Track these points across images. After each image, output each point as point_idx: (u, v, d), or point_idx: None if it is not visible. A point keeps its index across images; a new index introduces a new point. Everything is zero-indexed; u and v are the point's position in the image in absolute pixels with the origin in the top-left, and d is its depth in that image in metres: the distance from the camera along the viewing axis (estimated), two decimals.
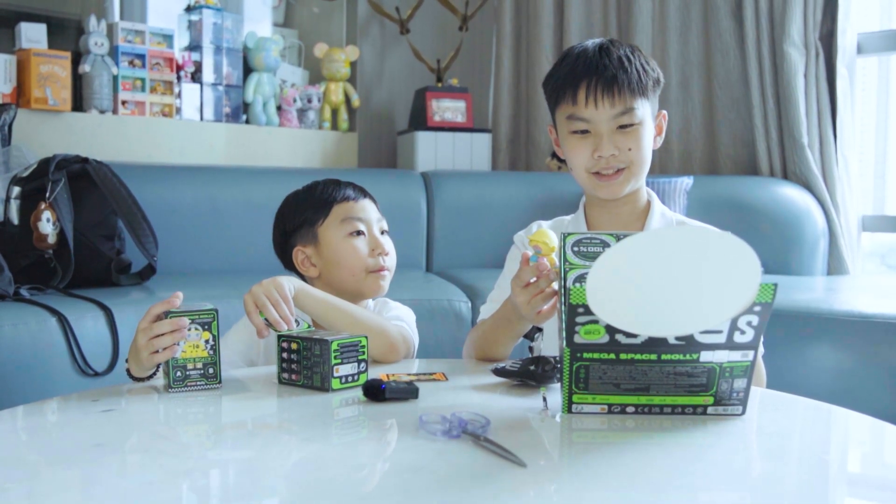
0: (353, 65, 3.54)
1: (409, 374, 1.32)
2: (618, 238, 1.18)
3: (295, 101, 3.38)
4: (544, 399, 1.16)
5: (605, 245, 1.18)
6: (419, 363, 1.49)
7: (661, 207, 1.58)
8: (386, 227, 1.67)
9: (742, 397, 1.11)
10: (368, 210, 1.65)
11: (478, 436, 0.97)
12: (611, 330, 1.04)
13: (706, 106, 3.44)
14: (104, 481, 0.88)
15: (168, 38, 3.12)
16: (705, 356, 1.07)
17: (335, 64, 3.48)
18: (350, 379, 1.23)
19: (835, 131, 3.15)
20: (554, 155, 3.38)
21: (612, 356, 1.06)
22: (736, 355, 1.08)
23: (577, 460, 0.98)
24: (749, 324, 1.06)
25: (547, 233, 1.28)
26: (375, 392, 1.16)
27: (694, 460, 0.97)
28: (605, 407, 1.11)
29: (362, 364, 1.25)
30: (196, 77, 3.19)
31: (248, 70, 3.34)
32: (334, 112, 3.52)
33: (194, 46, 3.21)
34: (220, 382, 1.26)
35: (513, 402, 1.19)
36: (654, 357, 1.07)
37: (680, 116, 3.46)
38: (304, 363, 1.25)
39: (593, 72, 1.47)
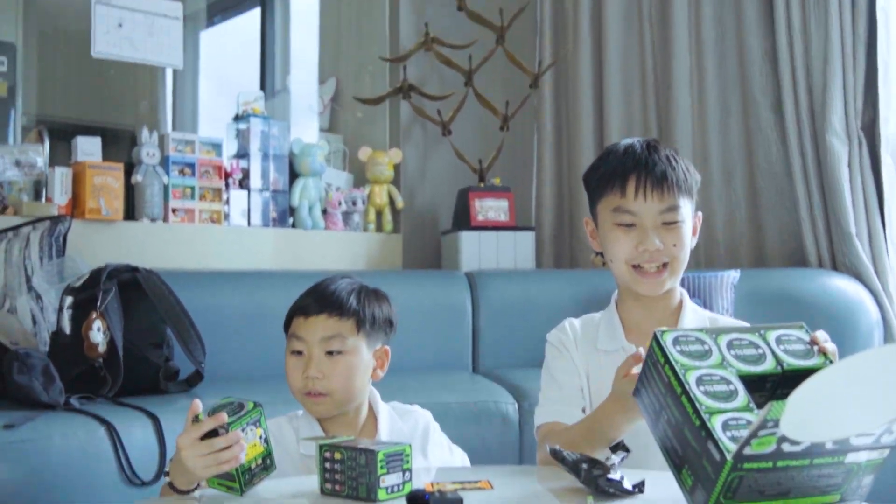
0: (396, 167, 3.60)
1: (453, 483, 1.30)
2: (710, 334, 1.18)
3: (340, 204, 3.44)
4: None
5: (702, 342, 1.17)
6: (465, 471, 1.47)
7: (693, 305, 1.59)
8: (340, 348, 1.56)
9: (864, 492, 1.11)
10: (314, 329, 1.56)
11: None
12: (780, 440, 1.01)
13: (750, 198, 3.43)
14: None
15: (217, 147, 3.21)
16: (850, 457, 1.06)
17: (379, 167, 3.54)
18: (396, 489, 1.22)
19: (883, 220, 3.11)
20: (599, 252, 3.37)
21: (771, 465, 1.03)
22: (875, 454, 1.07)
23: None
24: None
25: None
26: (420, 503, 1.14)
27: None
28: None
29: (406, 473, 1.24)
30: (244, 184, 3.26)
31: (293, 175, 3.41)
32: (379, 214, 3.56)
33: (242, 154, 3.30)
34: (275, 467, 1.32)
35: None
36: (807, 462, 1.05)
37: (724, 209, 3.45)
38: (348, 473, 1.24)
39: (643, 166, 1.50)
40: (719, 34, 3.47)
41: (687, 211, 1.52)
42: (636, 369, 1.25)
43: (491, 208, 3.42)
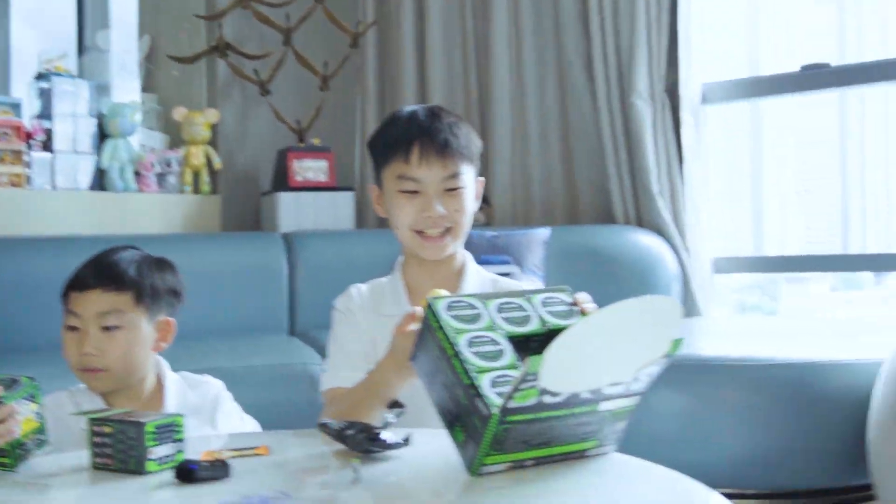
0: (214, 128, 3.52)
1: (230, 451, 1.30)
2: (480, 299, 1.24)
3: (154, 165, 3.34)
4: (353, 469, 1.15)
5: (472, 307, 1.22)
6: (248, 437, 1.47)
7: (475, 268, 1.65)
8: (117, 323, 1.53)
9: (619, 437, 1.21)
10: (89, 304, 1.53)
11: None
12: (541, 392, 1.07)
13: (565, 158, 3.54)
14: None
15: (16, 107, 3.05)
16: (604, 405, 1.14)
17: (195, 127, 3.45)
18: (166, 460, 1.21)
19: (682, 179, 3.28)
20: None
21: (533, 416, 1.09)
22: (626, 401, 1.16)
23: None
24: (648, 373, 1.15)
25: (440, 293, 1.29)
26: (187, 474, 1.14)
27: None
28: (511, 464, 1.14)
29: (178, 444, 1.23)
30: (48, 146, 3.11)
31: (104, 137, 3.28)
32: (196, 176, 3.48)
33: (45, 115, 3.14)
34: (50, 443, 1.29)
35: (328, 477, 1.19)
36: (566, 412, 1.11)
37: (541, 168, 3.55)
38: (118, 447, 1.22)
39: (426, 134, 1.53)
40: None
41: (469, 177, 1.56)
42: (413, 327, 1.29)
43: (310, 169, 3.39)
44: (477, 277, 1.62)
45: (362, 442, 1.21)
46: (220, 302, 2.91)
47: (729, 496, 1.12)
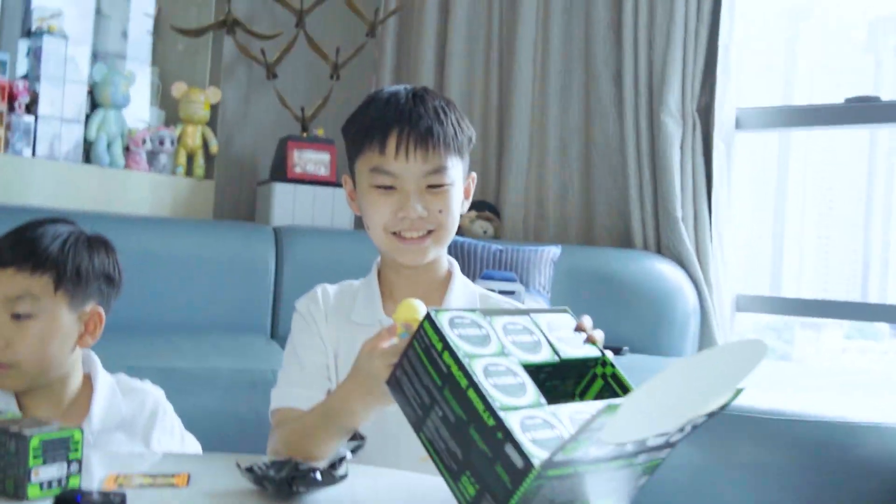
0: (214, 108, 3.30)
1: (145, 476, 1.07)
2: (483, 316, 1.02)
3: (145, 142, 3.11)
4: None
5: (478, 325, 0.99)
6: (180, 460, 1.24)
7: (462, 278, 1.40)
8: (29, 311, 1.29)
9: (634, 494, 0.99)
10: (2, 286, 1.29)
11: None
12: (591, 443, 0.85)
13: (584, 174, 3.31)
14: None
15: (1, 65, 2.83)
16: (641, 457, 0.93)
17: (193, 105, 3.23)
18: (54, 484, 0.98)
19: (710, 207, 3.04)
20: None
21: (571, 470, 0.87)
22: (661, 453, 0.95)
23: None
24: (694, 424, 0.93)
25: (417, 308, 1.05)
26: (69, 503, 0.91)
27: None
28: None
29: (73, 465, 1.00)
30: (31, 109, 2.90)
31: (94, 106, 3.06)
32: (190, 157, 3.26)
33: (33, 76, 2.93)
34: None
35: None
36: (605, 465, 0.90)
37: (557, 183, 3.33)
38: None
39: (406, 120, 1.28)
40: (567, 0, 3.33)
41: (457, 172, 1.32)
42: (388, 344, 1.06)
43: (310, 161, 3.17)
44: (464, 290, 1.38)
45: (282, 485, 0.97)
46: (198, 295, 2.69)
47: None
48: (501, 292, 2.83)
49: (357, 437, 1.13)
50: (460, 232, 3.36)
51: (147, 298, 2.55)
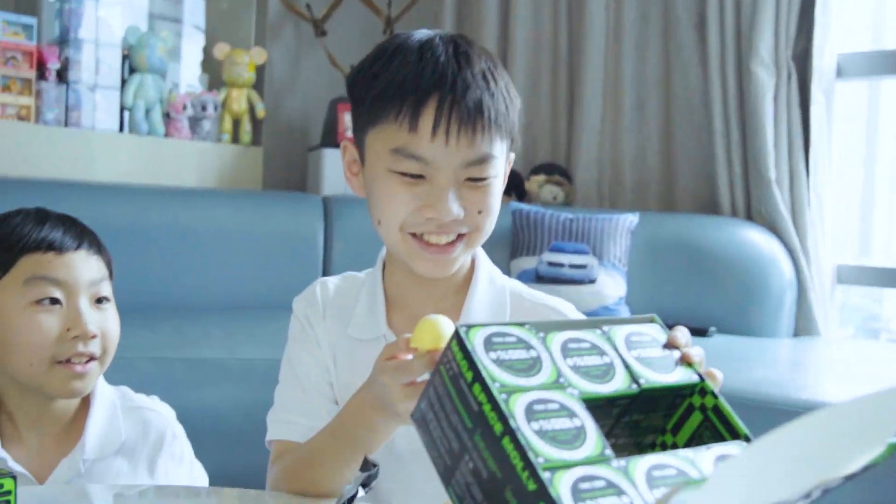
0: (259, 70, 3.08)
1: None
2: (535, 330, 0.74)
3: (186, 108, 2.91)
4: None
5: (526, 345, 0.72)
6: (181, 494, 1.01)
7: (488, 273, 1.07)
8: (106, 294, 1.13)
9: None
10: (75, 268, 1.10)
11: None
12: None
13: (664, 133, 3.00)
14: None
15: (28, 29, 2.64)
16: None
17: (237, 67, 3.01)
18: None
19: (807, 166, 2.70)
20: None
21: None
22: None
23: None
24: (826, 488, 0.66)
25: (442, 331, 0.78)
26: None
27: None
28: None
29: None
30: (63, 76, 2.71)
31: (131, 70, 2.86)
32: (236, 123, 3.05)
33: (63, 40, 2.73)
34: None
35: None
36: None
37: (635, 142, 3.03)
38: None
39: (448, 88, 0.93)
40: None
41: (502, 161, 0.99)
42: (401, 358, 0.80)
43: None
44: (489, 289, 1.06)
45: None
46: (241, 272, 2.49)
47: None
48: (572, 266, 2.56)
49: (368, 466, 0.88)
50: (527, 198, 3.12)
51: (183, 278, 2.36)
